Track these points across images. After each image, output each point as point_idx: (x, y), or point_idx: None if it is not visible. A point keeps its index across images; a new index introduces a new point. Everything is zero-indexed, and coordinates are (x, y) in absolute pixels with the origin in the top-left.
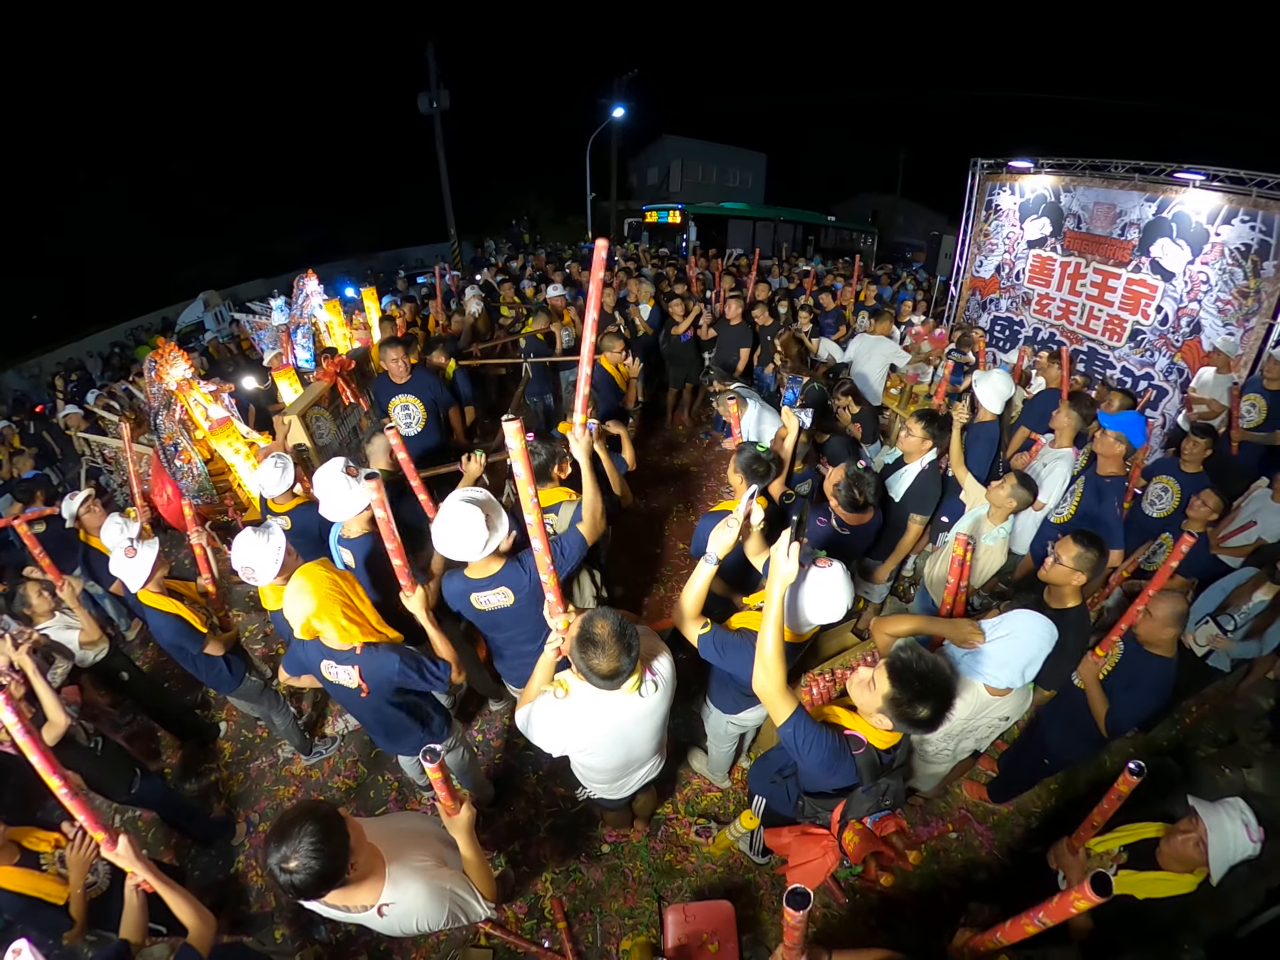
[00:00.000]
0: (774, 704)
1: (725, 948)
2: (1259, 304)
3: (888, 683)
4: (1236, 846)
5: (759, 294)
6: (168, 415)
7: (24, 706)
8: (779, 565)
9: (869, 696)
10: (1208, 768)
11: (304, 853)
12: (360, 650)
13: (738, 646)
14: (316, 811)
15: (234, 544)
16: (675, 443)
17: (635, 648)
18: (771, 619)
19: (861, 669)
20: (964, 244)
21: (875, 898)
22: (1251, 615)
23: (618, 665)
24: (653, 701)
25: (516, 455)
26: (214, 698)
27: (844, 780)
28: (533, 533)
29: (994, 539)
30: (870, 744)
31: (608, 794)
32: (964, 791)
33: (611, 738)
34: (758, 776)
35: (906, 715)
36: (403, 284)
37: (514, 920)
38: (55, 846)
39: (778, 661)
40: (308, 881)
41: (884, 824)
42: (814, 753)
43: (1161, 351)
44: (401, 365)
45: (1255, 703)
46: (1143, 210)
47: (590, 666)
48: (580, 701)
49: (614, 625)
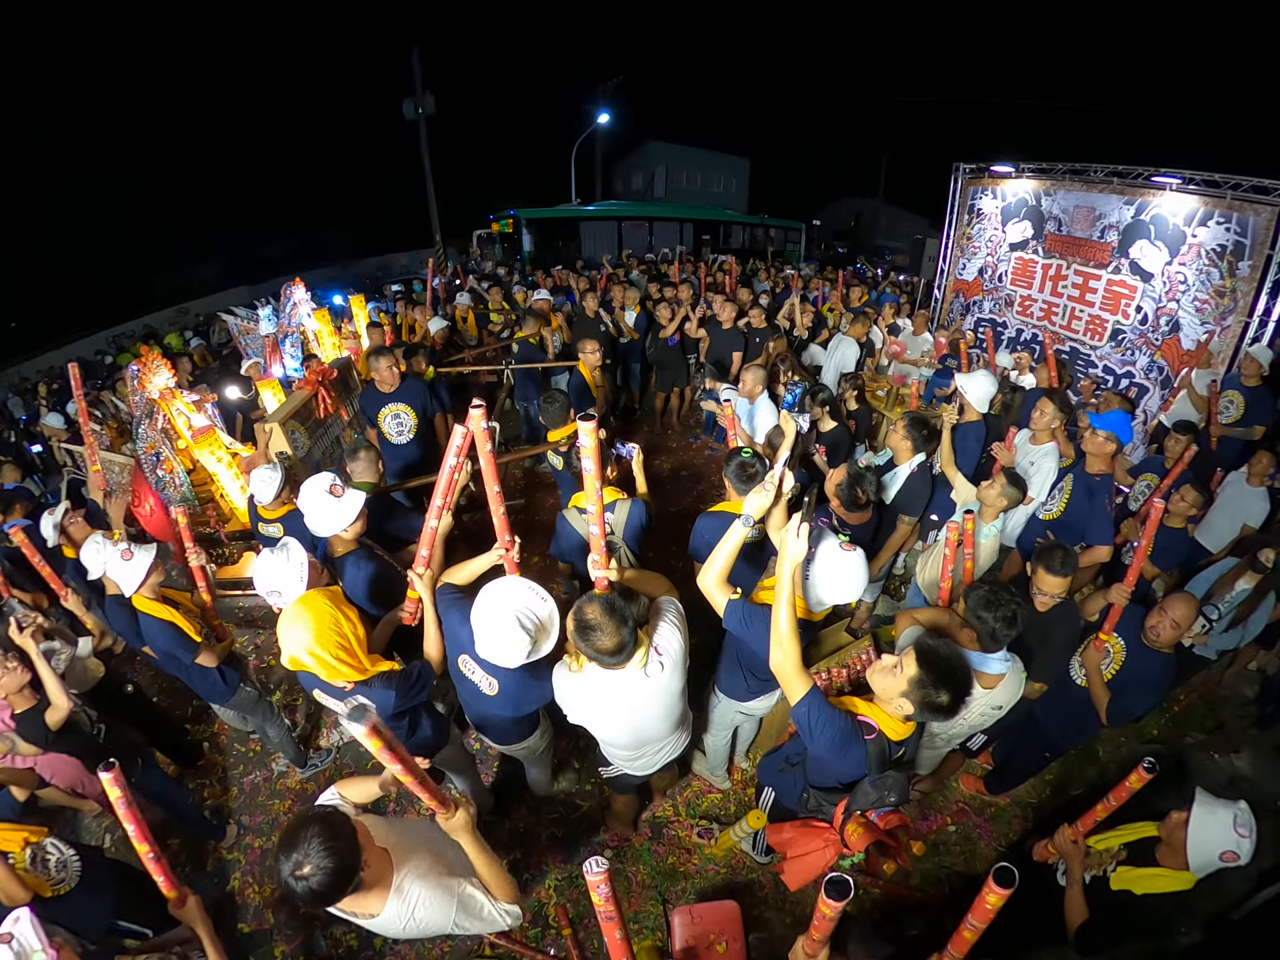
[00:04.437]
0: (790, 682)
1: (733, 947)
2: (1235, 303)
3: (915, 666)
4: (1216, 838)
5: (743, 297)
6: (150, 424)
7: (28, 691)
8: (789, 545)
9: (892, 681)
10: (1197, 754)
11: (315, 855)
12: (352, 688)
13: (765, 616)
14: (319, 815)
15: (254, 569)
16: (664, 446)
17: (630, 618)
18: (784, 598)
19: (886, 656)
20: (947, 247)
21: (878, 893)
22: (1234, 604)
23: (620, 639)
24: (661, 681)
25: (588, 452)
26: (205, 711)
27: (852, 765)
28: (592, 520)
29: (986, 536)
30: (882, 732)
31: (632, 769)
32: (961, 785)
33: (621, 714)
34: (767, 767)
35: (929, 700)
36: (388, 290)
37: (519, 929)
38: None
39: (793, 639)
40: (325, 883)
41: (888, 819)
42: (826, 733)
43: (1142, 350)
44: (393, 374)
45: (1241, 690)
46: (1121, 213)
47: (595, 649)
48: (590, 678)
49: (603, 605)
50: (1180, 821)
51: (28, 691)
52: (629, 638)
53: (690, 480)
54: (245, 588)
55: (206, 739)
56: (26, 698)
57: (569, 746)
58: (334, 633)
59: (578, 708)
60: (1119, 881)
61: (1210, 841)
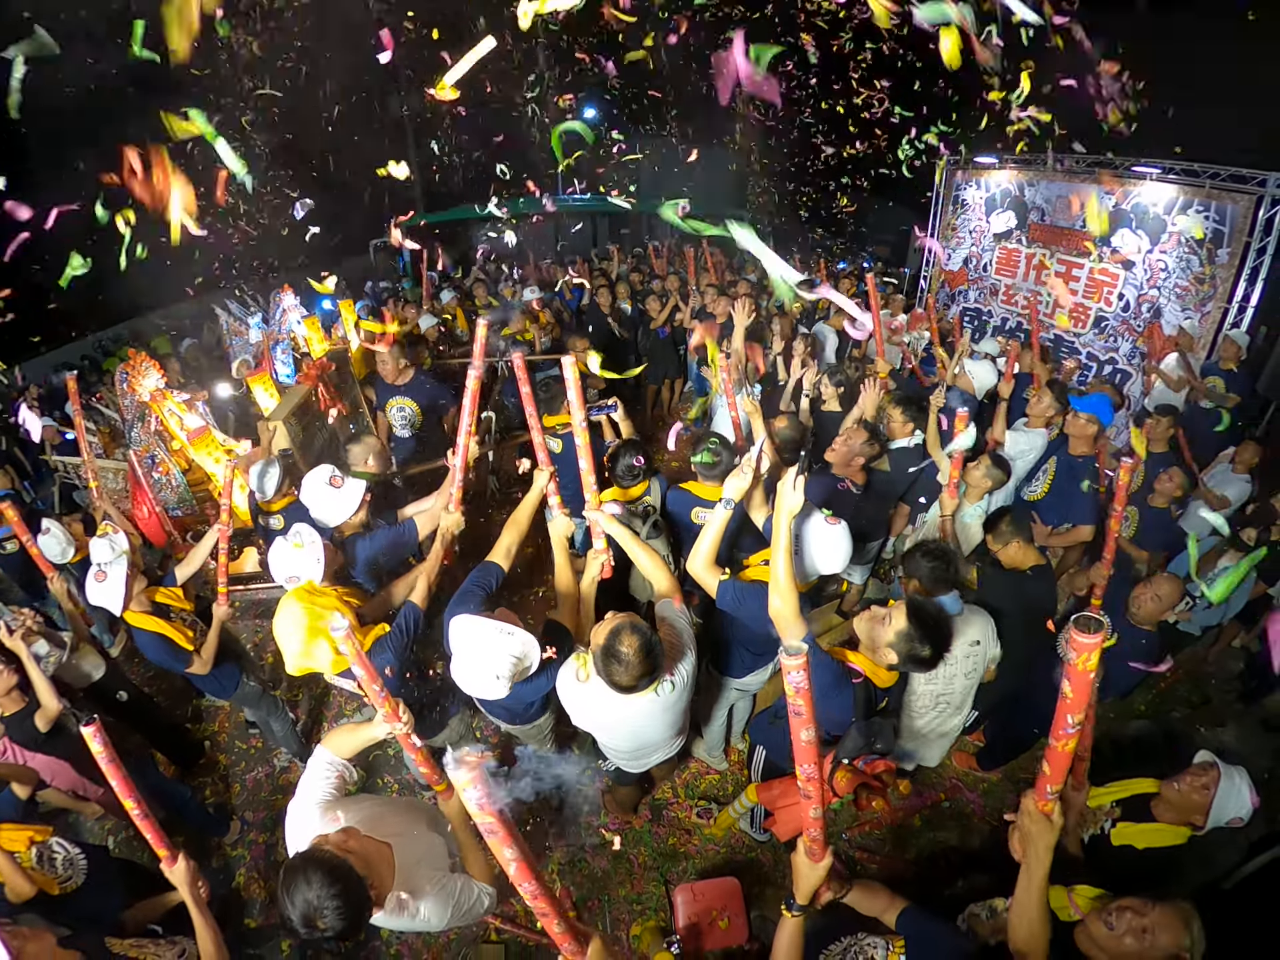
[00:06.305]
0: (787, 625)
1: (735, 922)
2: (1214, 289)
3: (904, 620)
4: (1238, 804)
5: (742, 290)
6: (143, 427)
7: (16, 694)
8: (785, 496)
9: (880, 631)
10: (1185, 728)
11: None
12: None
13: (755, 593)
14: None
15: (270, 559)
16: (656, 439)
17: (660, 666)
18: (782, 546)
19: (875, 607)
20: (932, 237)
21: (875, 868)
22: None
23: (636, 683)
24: (669, 700)
25: (570, 384)
26: (205, 710)
27: (841, 708)
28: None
29: (971, 516)
30: (868, 678)
31: (627, 767)
32: (954, 762)
33: (623, 728)
34: (758, 725)
35: (913, 652)
36: (370, 290)
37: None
38: (30, 844)
39: (790, 586)
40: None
41: (874, 766)
42: (818, 676)
43: (1124, 336)
44: (397, 366)
45: (1227, 666)
46: (1103, 202)
47: (610, 676)
48: (596, 691)
49: (641, 643)
50: (1198, 786)
51: (16, 694)
52: (646, 683)
53: (682, 472)
54: (248, 583)
55: (207, 738)
56: (15, 700)
57: (570, 731)
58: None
59: (581, 715)
60: (1120, 837)
61: (1231, 808)
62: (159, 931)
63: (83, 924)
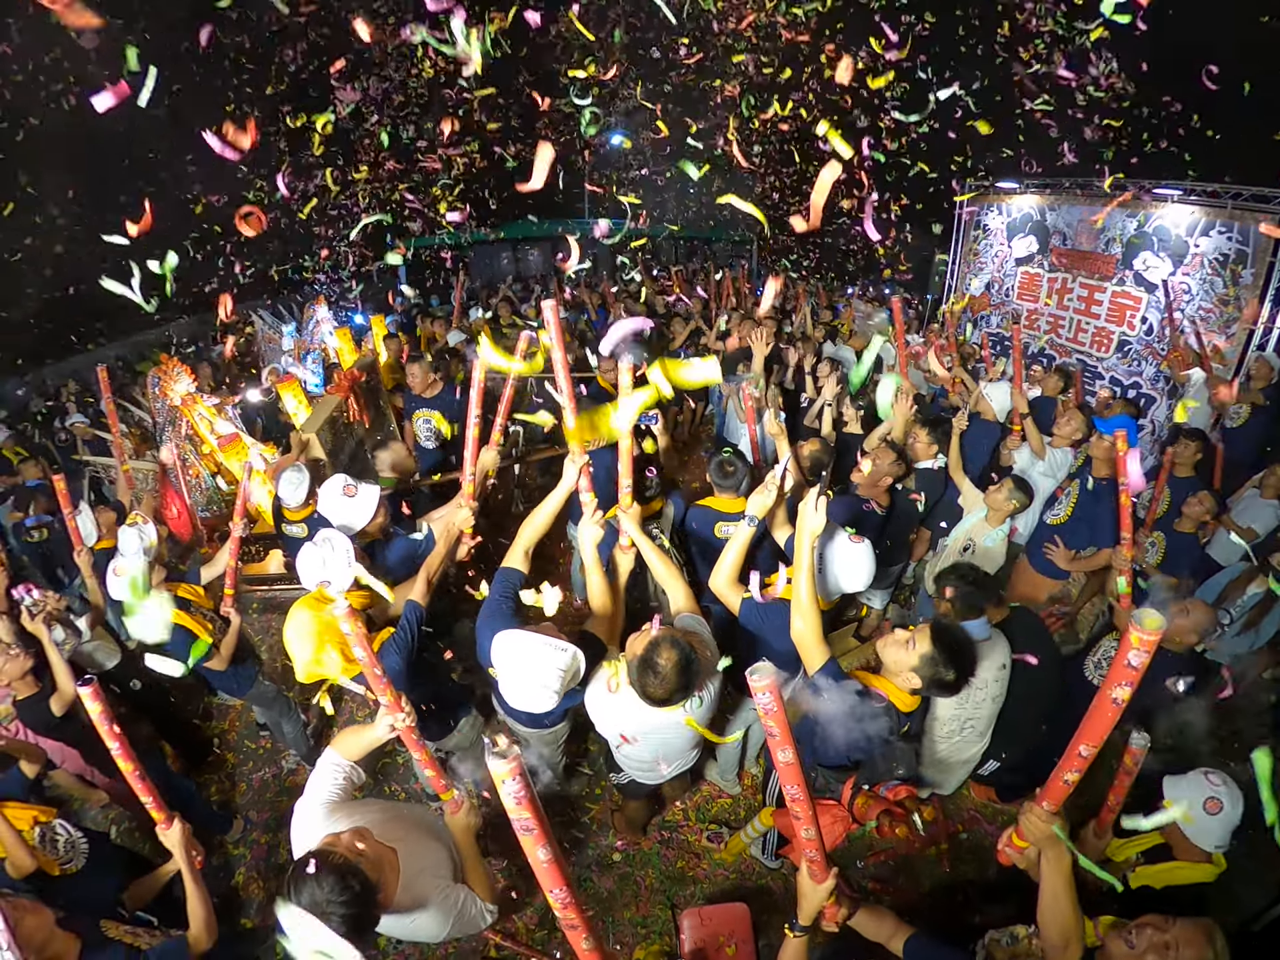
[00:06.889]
0: (810, 650)
1: (742, 950)
2: (1239, 311)
3: (929, 643)
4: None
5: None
6: (174, 431)
7: (31, 678)
8: (807, 518)
9: (904, 655)
10: (1212, 761)
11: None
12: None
13: (778, 610)
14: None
15: (299, 565)
16: (674, 459)
17: (694, 683)
18: (805, 568)
19: (899, 630)
20: (954, 263)
21: (889, 899)
22: (1247, 608)
23: (670, 696)
24: (696, 715)
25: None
26: (216, 708)
27: (863, 733)
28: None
29: (993, 540)
30: (891, 703)
31: (642, 778)
32: (972, 793)
33: (648, 739)
34: None
35: (937, 676)
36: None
37: (525, 931)
38: (34, 824)
39: (813, 608)
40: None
41: (896, 791)
42: (840, 700)
43: (1149, 360)
44: (425, 379)
45: (1258, 698)
46: (1125, 225)
47: (644, 688)
48: (626, 702)
49: (680, 658)
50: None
51: (30, 678)
52: (681, 697)
53: (702, 493)
54: (270, 583)
55: (217, 736)
56: (29, 684)
57: (578, 750)
58: (331, 632)
59: (607, 725)
60: (1137, 880)
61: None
62: (154, 923)
63: (79, 907)
